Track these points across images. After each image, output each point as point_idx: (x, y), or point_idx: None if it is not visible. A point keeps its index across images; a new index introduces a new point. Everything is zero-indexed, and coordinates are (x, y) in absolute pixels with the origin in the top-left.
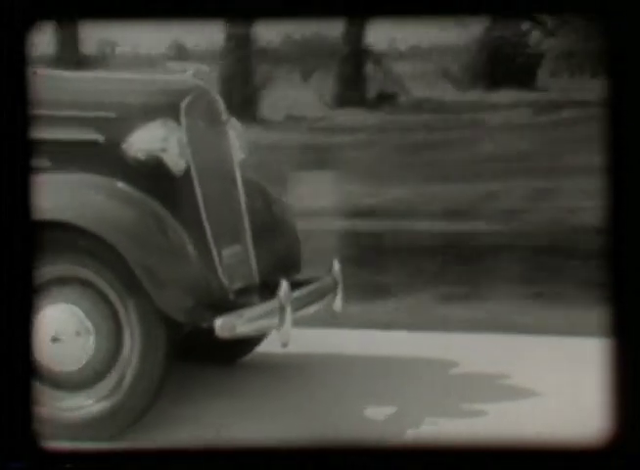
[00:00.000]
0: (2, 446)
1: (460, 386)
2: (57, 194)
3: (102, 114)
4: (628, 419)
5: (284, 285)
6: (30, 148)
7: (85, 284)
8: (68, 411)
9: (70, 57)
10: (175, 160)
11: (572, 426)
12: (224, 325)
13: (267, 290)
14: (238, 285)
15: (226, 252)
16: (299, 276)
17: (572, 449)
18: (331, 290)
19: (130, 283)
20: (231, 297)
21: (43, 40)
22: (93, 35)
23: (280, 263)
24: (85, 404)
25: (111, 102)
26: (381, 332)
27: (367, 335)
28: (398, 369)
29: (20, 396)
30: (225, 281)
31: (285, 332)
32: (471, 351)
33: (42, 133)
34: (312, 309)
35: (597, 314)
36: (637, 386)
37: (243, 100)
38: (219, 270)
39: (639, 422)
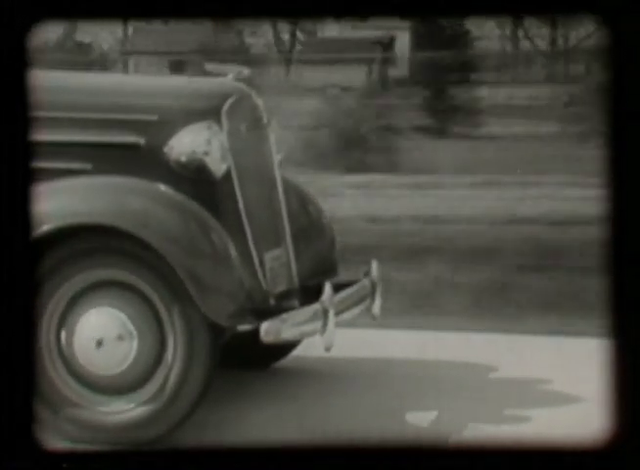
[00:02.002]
0: (2, 446)
1: (501, 389)
2: (99, 197)
3: (143, 117)
4: (628, 419)
5: (327, 289)
6: (30, 148)
7: (129, 288)
8: (110, 415)
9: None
10: (217, 163)
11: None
12: (269, 330)
13: (306, 293)
14: (279, 289)
15: (267, 255)
16: (337, 279)
17: (572, 449)
18: (370, 293)
19: (174, 287)
20: (272, 301)
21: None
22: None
23: (318, 266)
24: (127, 408)
25: (152, 105)
26: (418, 332)
27: (404, 335)
28: (438, 372)
29: (20, 396)
30: (266, 285)
31: (328, 336)
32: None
33: (83, 136)
34: (353, 313)
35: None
36: (637, 386)
37: None
38: (260, 274)
39: (639, 422)
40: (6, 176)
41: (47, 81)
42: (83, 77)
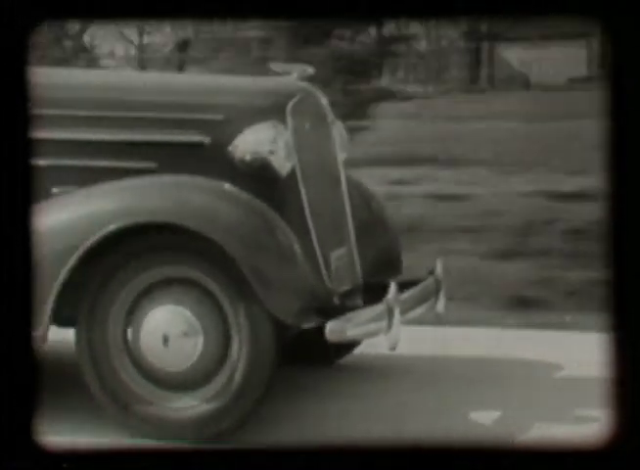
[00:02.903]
0: (2, 446)
1: (566, 387)
2: (165, 196)
3: (208, 116)
4: (628, 419)
5: (393, 288)
6: (30, 147)
7: (194, 285)
8: (176, 411)
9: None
10: (282, 162)
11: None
12: (334, 329)
13: (369, 292)
14: (343, 288)
15: (332, 254)
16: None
17: (572, 449)
18: (434, 291)
19: (240, 285)
20: (336, 300)
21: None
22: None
23: (381, 265)
24: (193, 405)
25: (217, 104)
26: (477, 329)
27: (464, 333)
28: (500, 369)
29: (20, 395)
30: (331, 284)
31: (393, 335)
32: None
33: (149, 135)
34: (417, 312)
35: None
36: (637, 386)
37: None
38: (324, 273)
39: (639, 422)
40: (6, 176)
41: (113, 80)
42: (149, 76)
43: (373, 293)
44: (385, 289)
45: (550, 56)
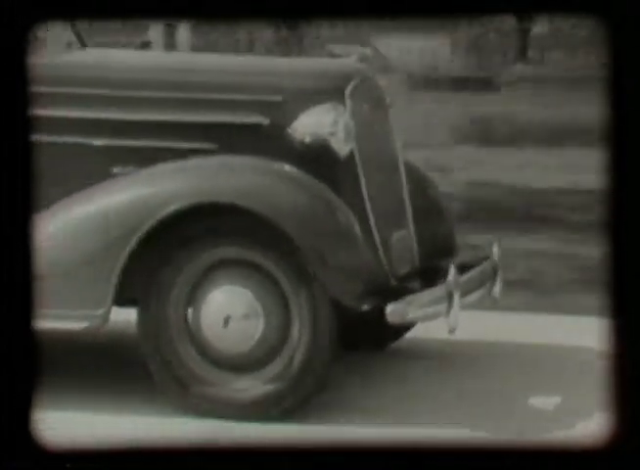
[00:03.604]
0: (2, 446)
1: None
2: (226, 176)
3: (267, 97)
4: (628, 419)
5: (452, 271)
6: (30, 147)
7: (254, 267)
8: (237, 392)
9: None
10: (341, 144)
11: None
12: (395, 311)
13: (425, 275)
14: (403, 270)
15: (391, 237)
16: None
17: (572, 449)
18: (491, 276)
19: (300, 267)
20: (396, 282)
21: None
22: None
23: (437, 248)
24: (253, 386)
25: (276, 85)
26: (537, 315)
27: (520, 318)
28: (558, 356)
29: (20, 395)
30: (390, 266)
31: (453, 318)
32: None
33: (209, 117)
34: (475, 296)
35: None
36: (637, 386)
37: None
38: (382, 256)
39: (639, 422)
40: (6, 175)
41: (174, 62)
42: (208, 58)
43: (428, 276)
44: (439, 272)
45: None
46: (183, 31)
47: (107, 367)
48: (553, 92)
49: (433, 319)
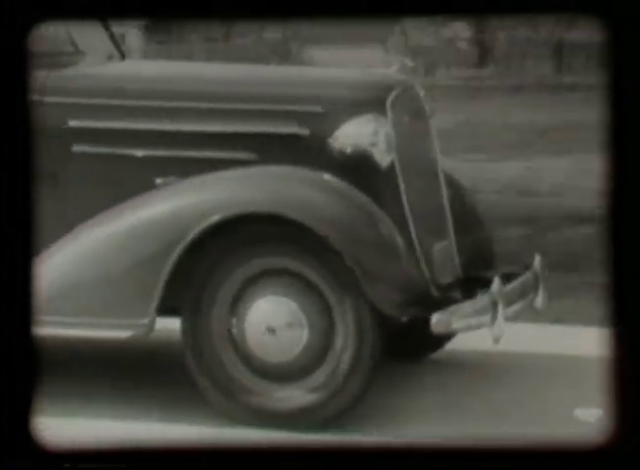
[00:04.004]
0: (2, 446)
1: None
2: (268, 186)
3: (308, 108)
4: (628, 419)
5: (496, 281)
6: (30, 146)
7: (298, 277)
8: (280, 401)
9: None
10: (383, 154)
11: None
12: (440, 321)
13: (466, 285)
14: (445, 280)
15: (432, 247)
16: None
17: (573, 449)
18: (533, 286)
19: (343, 276)
20: (439, 292)
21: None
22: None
23: (476, 258)
24: (295, 396)
25: (317, 96)
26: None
27: (556, 330)
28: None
29: (20, 396)
30: (433, 276)
31: (497, 329)
32: None
33: (249, 127)
34: (517, 307)
35: None
36: (637, 386)
37: None
38: (423, 265)
39: (639, 422)
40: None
41: (214, 72)
42: (248, 69)
43: (468, 286)
44: (479, 283)
45: (350, 58)
46: (134, 38)
47: (108, 371)
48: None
49: (476, 330)
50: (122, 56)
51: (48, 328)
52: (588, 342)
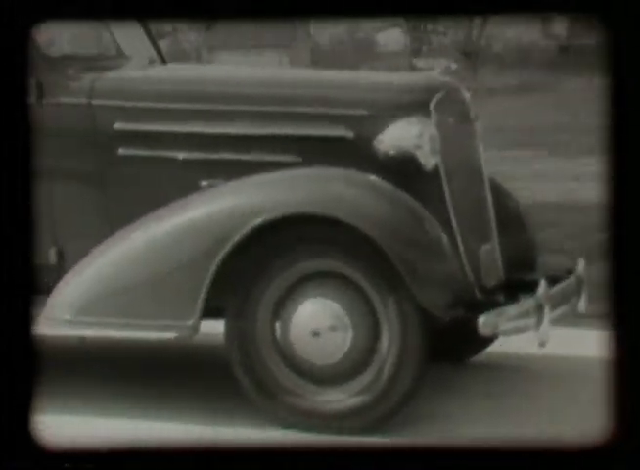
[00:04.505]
0: (2, 446)
1: None
2: (313, 188)
3: (352, 111)
4: (628, 419)
5: (543, 284)
6: (29, 146)
7: (342, 278)
8: (325, 404)
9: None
10: (427, 156)
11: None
12: (487, 323)
13: (509, 288)
14: (490, 283)
15: (476, 249)
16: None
17: (572, 449)
18: (576, 291)
19: (389, 278)
20: (479, 294)
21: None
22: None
23: (517, 260)
24: (341, 398)
25: (361, 99)
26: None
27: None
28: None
29: (20, 396)
30: (478, 278)
31: (543, 332)
32: None
33: (294, 130)
34: (561, 311)
35: None
36: (637, 386)
37: None
38: (467, 267)
39: (639, 422)
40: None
41: (260, 75)
42: (293, 72)
43: (511, 289)
44: (522, 285)
45: (257, 62)
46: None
47: (107, 371)
48: None
49: (522, 332)
50: (163, 59)
51: (92, 329)
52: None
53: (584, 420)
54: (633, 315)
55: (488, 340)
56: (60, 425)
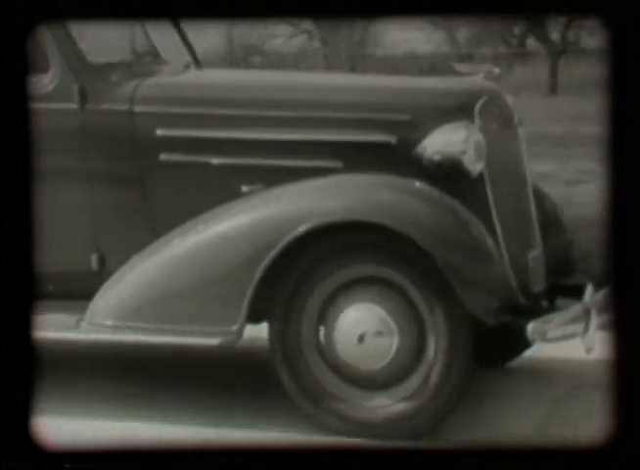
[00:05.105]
0: (2, 446)
1: None
2: (359, 194)
3: (395, 116)
4: (628, 419)
5: (589, 289)
6: (29, 147)
7: (387, 284)
8: (371, 410)
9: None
10: (473, 162)
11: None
12: (536, 329)
13: (550, 293)
14: (536, 288)
15: (523, 255)
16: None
17: (573, 449)
18: None
19: (436, 283)
20: (523, 300)
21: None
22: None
23: (557, 265)
24: (388, 404)
25: (404, 104)
26: None
27: None
28: None
29: (20, 396)
30: (518, 283)
31: (590, 338)
32: None
33: (335, 135)
34: (607, 316)
35: None
36: (637, 386)
37: None
38: (512, 273)
39: (639, 422)
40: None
41: (300, 81)
42: (334, 77)
43: (551, 294)
44: (562, 291)
45: None
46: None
47: (107, 371)
48: None
49: (570, 339)
50: (198, 64)
51: (135, 334)
52: None
53: (585, 421)
54: (634, 316)
55: (525, 345)
56: (60, 426)
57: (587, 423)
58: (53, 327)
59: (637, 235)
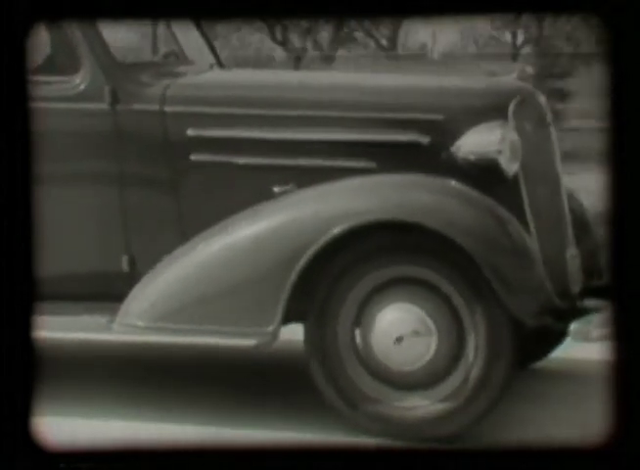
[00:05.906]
0: (2, 446)
1: None
2: (397, 194)
3: (428, 116)
4: (628, 419)
5: None
6: (29, 147)
7: (425, 284)
8: (408, 411)
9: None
10: (509, 162)
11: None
12: (579, 330)
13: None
14: (575, 289)
15: (557, 255)
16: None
17: (572, 449)
18: None
19: (476, 284)
20: (558, 301)
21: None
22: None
23: (588, 264)
24: (425, 405)
25: (437, 104)
26: None
27: None
28: None
29: (20, 396)
30: (559, 284)
31: None
32: None
33: (368, 135)
34: None
35: None
36: (637, 386)
37: None
38: (549, 274)
39: (639, 422)
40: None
41: (334, 81)
42: (367, 77)
43: (581, 295)
44: (593, 291)
45: None
46: None
47: (107, 371)
48: None
49: (608, 340)
50: (221, 64)
51: (168, 336)
52: None
53: (586, 421)
54: (634, 316)
55: (553, 346)
56: (60, 426)
57: (587, 423)
58: (83, 328)
59: (637, 235)
